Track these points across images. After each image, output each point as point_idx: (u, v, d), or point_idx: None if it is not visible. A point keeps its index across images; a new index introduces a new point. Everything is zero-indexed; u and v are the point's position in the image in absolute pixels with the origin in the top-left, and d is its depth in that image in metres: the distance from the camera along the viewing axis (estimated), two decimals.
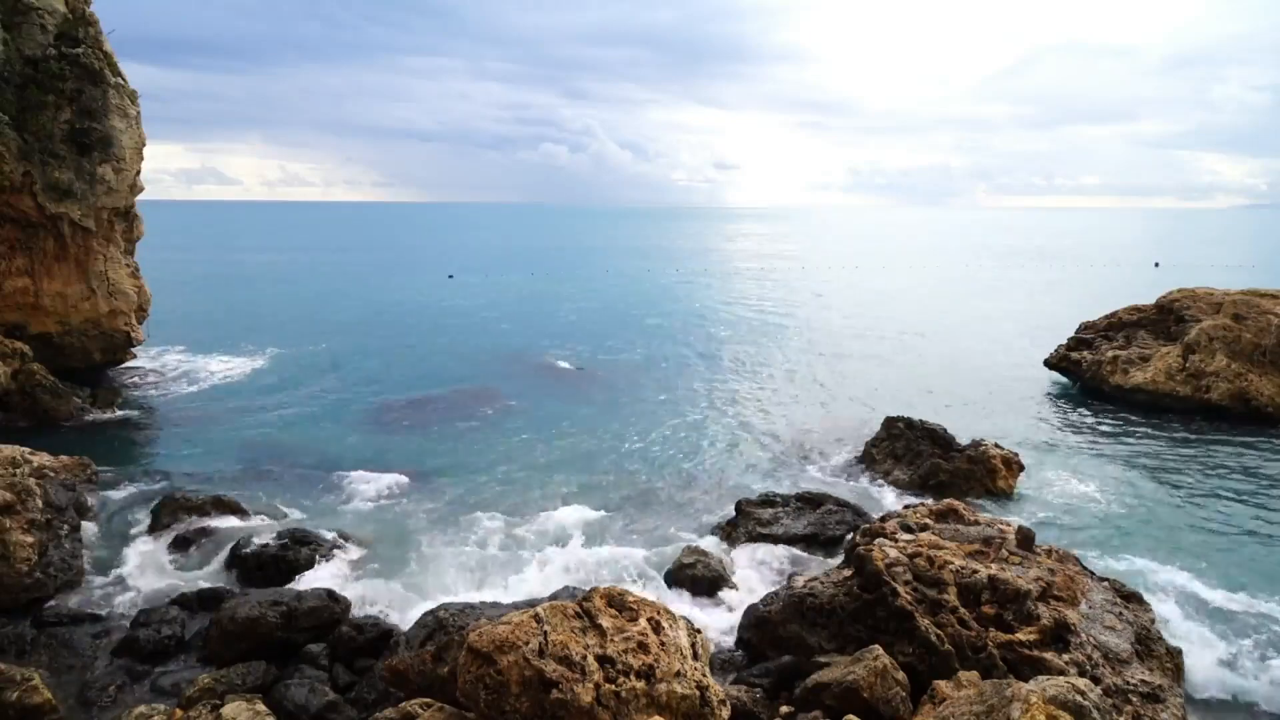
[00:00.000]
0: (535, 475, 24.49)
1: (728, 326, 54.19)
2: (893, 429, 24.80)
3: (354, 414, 31.10)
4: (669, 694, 10.36)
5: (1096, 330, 39.99)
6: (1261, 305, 31.77)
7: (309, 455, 25.80)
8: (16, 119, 29.84)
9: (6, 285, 31.63)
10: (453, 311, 59.84)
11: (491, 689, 10.18)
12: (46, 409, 27.90)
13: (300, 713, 12.62)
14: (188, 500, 19.99)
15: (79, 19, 32.13)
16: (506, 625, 10.60)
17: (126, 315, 35.36)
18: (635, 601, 11.52)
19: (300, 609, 15.02)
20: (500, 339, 47.60)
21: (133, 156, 33.62)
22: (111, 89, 32.42)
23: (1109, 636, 13.83)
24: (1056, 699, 10.02)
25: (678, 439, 28.44)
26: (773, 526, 19.65)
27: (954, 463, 22.82)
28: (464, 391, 34.53)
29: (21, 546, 16.66)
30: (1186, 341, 32.51)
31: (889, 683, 12.35)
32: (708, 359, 42.76)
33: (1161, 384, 32.23)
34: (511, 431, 29.03)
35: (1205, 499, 23.04)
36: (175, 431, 28.60)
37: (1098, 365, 36.16)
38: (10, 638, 14.86)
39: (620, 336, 48.99)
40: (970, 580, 14.14)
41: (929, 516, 17.27)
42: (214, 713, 11.78)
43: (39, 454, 20.12)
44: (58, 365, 31.27)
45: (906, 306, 64.98)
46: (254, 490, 22.77)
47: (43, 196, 30.76)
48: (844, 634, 14.25)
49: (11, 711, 12.29)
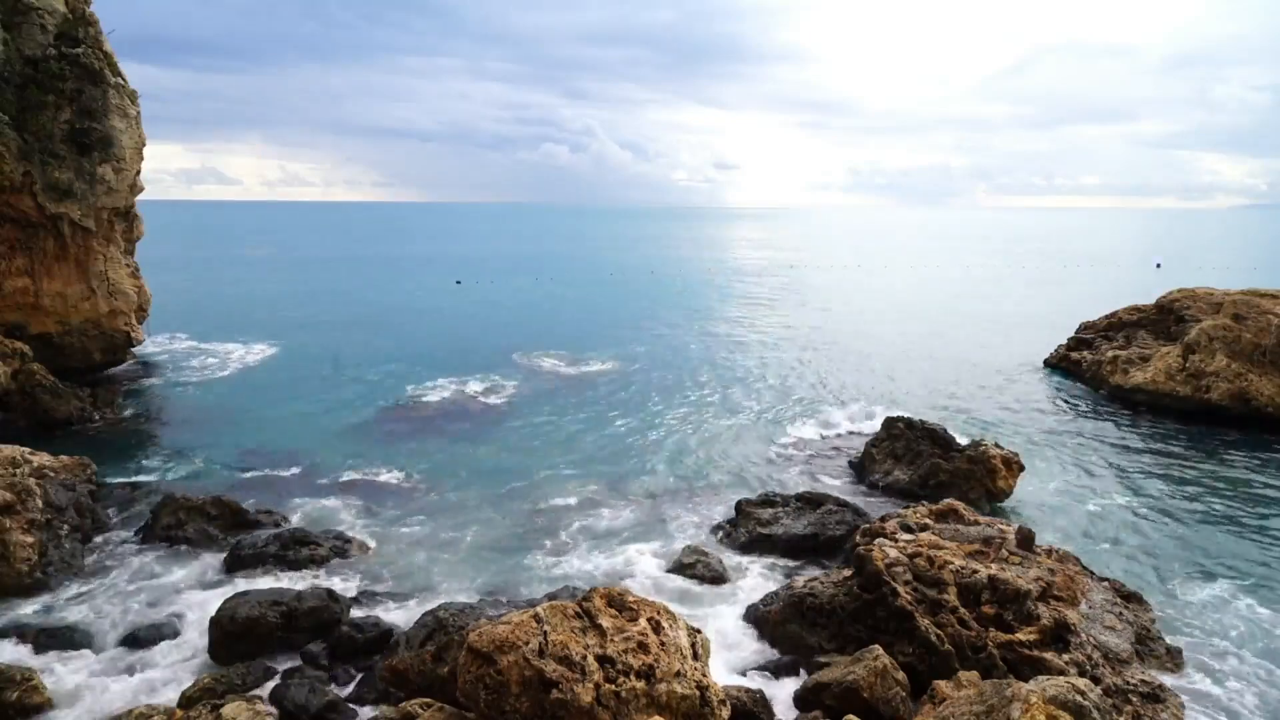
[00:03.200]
0: (535, 475, 24.48)
1: (728, 327, 54.20)
2: (893, 429, 24.79)
3: (354, 415, 31.09)
4: (669, 694, 10.36)
5: (1096, 330, 40.01)
6: (1261, 305, 31.76)
7: (309, 456, 25.80)
8: (16, 119, 29.86)
9: (6, 285, 31.64)
10: (454, 312, 59.84)
11: (491, 689, 10.17)
12: (46, 409, 27.89)
13: (300, 713, 12.62)
14: (188, 500, 19.98)
15: (79, 19, 32.15)
16: (506, 625, 10.61)
17: (126, 315, 35.37)
18: (635, 601, 11.53)
19: (300, 609, 15.02)
20: (501, 339, 47.59)
21: (133, 156, 33.63)
22: (111, 89, 32.43)
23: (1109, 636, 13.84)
24: (1056, 699, 10.02)
25: (678, 439, 28.44)
26: (773, 526, 19.65)
27: (954, 463, 22.81)
28: (464, 392, 34.53)
29: (21, 546, 16.67)
30: (1186, 341, 32.51)
31: (889, 683, 12.36)
32: (708, 359, 42.76)
33: (1161, 384, 32.23)
34: (512, 432, 29.03)
35: (1205, 499, 23.04)
36: (175, 431, 28.59)
37: (1098, 365, 36.17)
38: (10, 637, 14.85)
39: (620, 337, 49.00)
40: (970, 580, 14.14)
41: (929, 516, 17.28)
42: (214, 713, 11.77)
43: (39, 454, 20.13)
44: (58, 365, 31.27)
45: (907, 306, 64.98)
46: (254, 490, 22.77)
47: (43, 196, 30.77)
48: (844, 634, 14.26)
49: (11, 711, 12.29)
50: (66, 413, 28.22)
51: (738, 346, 46.65)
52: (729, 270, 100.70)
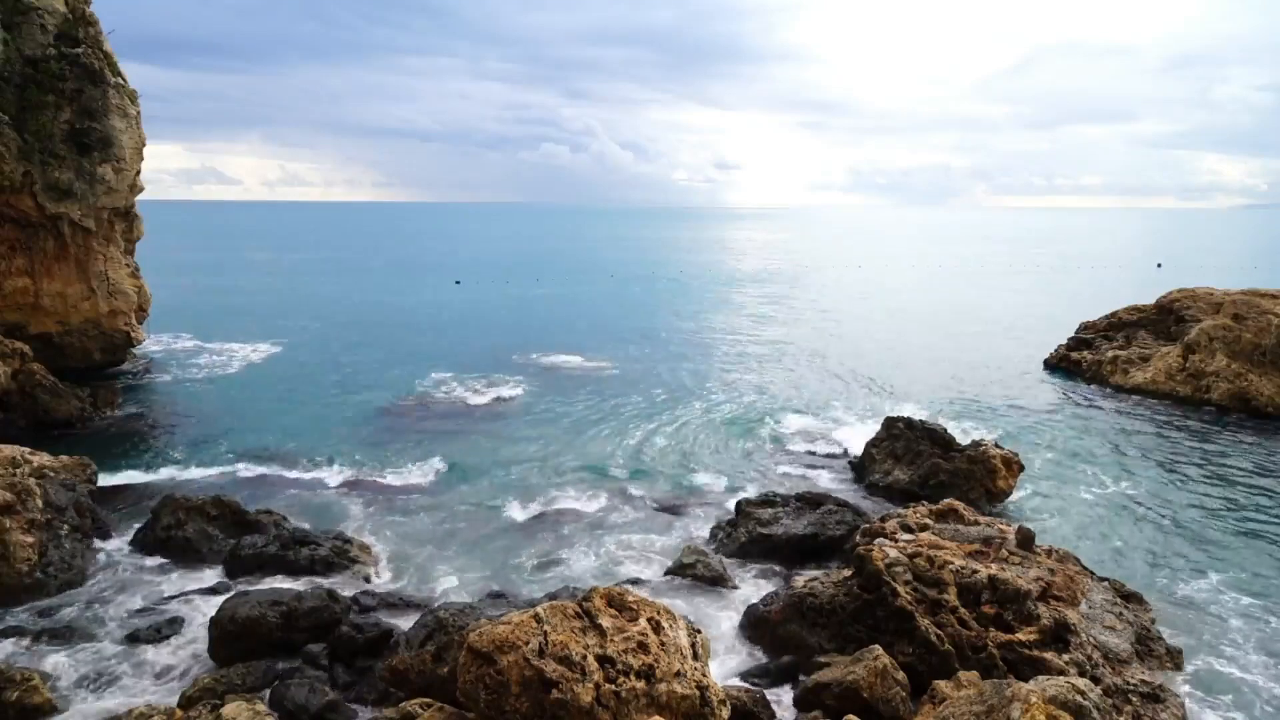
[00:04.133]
0: (536, 475, 24.50)
1: (728, 327, 54.21)
2: (893, 429, 24.78)
3: (354, 415, 31.09)
4: (669, 694, 10.36)
5: (1097, 330, 40.02)
6: (1261, 305, 31.77)
7: (310, 456, 25.79)
8: (16, 119, 29.86)
9: (6, 285, 31.64)
10: (454, 312, 59.84)
11: (491, 689, 10.17)
12: (46, 409, 27.88)
13: (300, 713, 12.61)
14: (187, 500, 19.95)
15: (79, 19, 32.15)
16: (506, 625, 10.60)
17: (126, 315, 35.37)
18: (635, 601, 11.52)
19: (300, 609, 15.00)
20: (502, 340, 47.60)
21: (133, 156, 33.63)
22: (111, 89, 32.43)
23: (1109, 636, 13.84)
24: (1056, 699, 10.02)
25: (678, 439, 28.44)
26: (773, 526, 19.63)
27: (954, 463, 22.80)
28: (464, 392, 34.53)
29: (21, 546, 16.66)
30: (1186, 341, 32.52)
31: (889, 682, 12.36)
32: (708, 359, 42.77)
33: (1162, 384, 32.24)
34: (512, 432, 29.04)
35: (1205, 498, 23.03)
36: (175, 431, 28.58)
37: (1098, 365, 36.17)
38: (10, 637, 14.85)
39: (621, 337, 49.01)
40: (970, 580, 14.14)
41: (929, 516, 17.28)
42: (214, 713, 11.76)
43: (39, 454, 20.12)
44: (58, 365, 31.27)
45: (906, 306, 65.01)
46: (254, 490, 22.79)
47: (43, 196, 30.77)
48: (844, 634, 14.25)
49: (11, 711, 12.29)
50: (66, 413, 28.21)
51: (737, 346, 46.67)
52: (729, 270, 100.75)
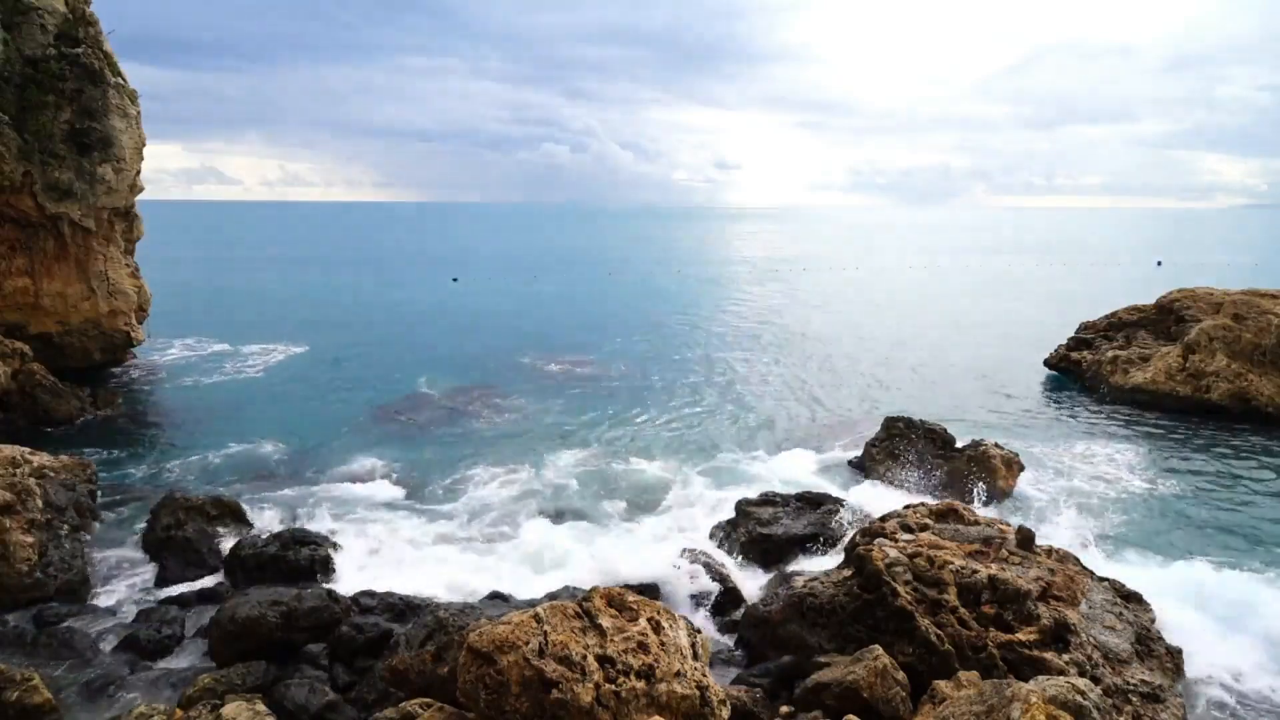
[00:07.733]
0: (535, 475, 24.50)
1: (728, 327, 54.20)
2: (893, 429, 24.78)
3: (355, 414, 31.09)
4: (669, 694, 10.36)
5: (1096, 330, 39.98)
6: (1261, 305, 31.76)
7: (309, 455, 25.81)
8: (16, 119, 29.85)
9: (6, 285, 31.64)
10: (454, 312, 59.84)
11: (491, 689, 10.17)
12: (46, 409, 27.88)
13: (300, 713, 12.61)
14: (187, 500, 19.96)
15: (79, 19, 32.14)
16: (506, 625, 10.59)
17: (126, 315, 35.37)
18: (635, 601, 11.51)
19: (300, 609, 14.99)
20: (502, 340, 47.60)
21: (133, 156, 33.63)
22: (111, 89, 32.43)
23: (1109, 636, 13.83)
24: (1056, 699, 10.02)
25: (677, 438, 28.45)
26: (773, 526, 19.63)
27: (954, 462, 22.80)
28: (464, 392, 34.54)
29: (21, 546, 16.66)
30: (1186, 341, 32.50)
31: (889, 683, 12.35)
32: (707, 359, 42.76)
33: (1161, 384, 32.22)
34: (512, 432, 29.05)
35: (1205, 499, 23.04)
36: (175, 431, 28.59)
37: (1098, 365, 36.15)
38: (10, 637, 14.84)
39: (621, 338, 48.99)
40: (970, 580, 14.13)
41: (929, 516, 17.26)
42: (214, 713, 11.76)
43: (39, 454, 20.11)
44: (58, 365, 31.27)
45: (906, 306, 65.00)
46: (254, 490, 22.78)
47: (43, 196, 30.76)
48: (844, 634, 14.24)
49: (11, 711, 12.28)
50: (66, 412, 28.21)
51: (736, 345, 46.65)
52: (729, 270, 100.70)
